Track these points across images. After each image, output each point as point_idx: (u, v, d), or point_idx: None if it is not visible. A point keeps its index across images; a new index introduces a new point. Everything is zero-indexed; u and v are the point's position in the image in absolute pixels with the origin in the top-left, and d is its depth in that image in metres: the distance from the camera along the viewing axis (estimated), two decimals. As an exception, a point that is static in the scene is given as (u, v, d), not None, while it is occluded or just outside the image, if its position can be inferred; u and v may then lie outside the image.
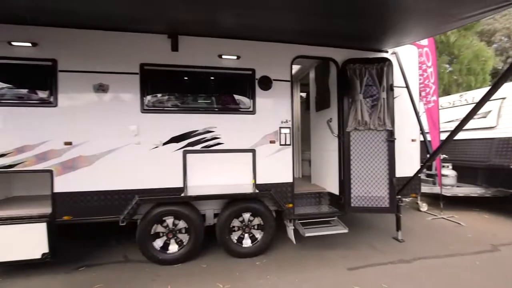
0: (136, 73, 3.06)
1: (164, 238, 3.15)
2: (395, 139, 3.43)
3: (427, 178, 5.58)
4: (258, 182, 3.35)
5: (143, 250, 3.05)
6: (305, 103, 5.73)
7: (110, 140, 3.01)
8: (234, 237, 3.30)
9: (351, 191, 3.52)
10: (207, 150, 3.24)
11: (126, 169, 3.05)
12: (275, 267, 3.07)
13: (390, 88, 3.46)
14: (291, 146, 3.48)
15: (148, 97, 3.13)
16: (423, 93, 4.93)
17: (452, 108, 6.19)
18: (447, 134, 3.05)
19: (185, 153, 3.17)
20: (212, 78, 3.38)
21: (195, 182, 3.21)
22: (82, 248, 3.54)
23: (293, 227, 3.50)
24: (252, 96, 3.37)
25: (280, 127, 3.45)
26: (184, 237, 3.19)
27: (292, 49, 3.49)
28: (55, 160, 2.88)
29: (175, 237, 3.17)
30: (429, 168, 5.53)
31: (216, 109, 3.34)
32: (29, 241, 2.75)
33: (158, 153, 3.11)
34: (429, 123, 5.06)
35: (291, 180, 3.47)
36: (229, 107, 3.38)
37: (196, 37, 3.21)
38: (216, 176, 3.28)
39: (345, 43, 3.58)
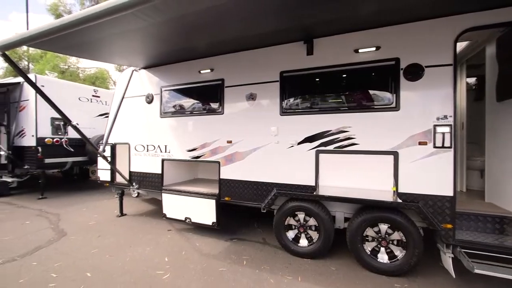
0: (277, 81, 3.49)
1: (296, 231, 3.42)
2: None
3: None
4: (400, 190, 2.87)
5: (278, 237, 3.46)
6: (474, 91, 4.25)
7: (256, 139, 3.62)
8: (367, 247, 3.02)
9: None
10: (340, 150, 3.15)
11: (267, 164, 3.55)
12: (422, 297, 2.52)
13: None
14: (451, 149, 2.70)
15: (286, 101, 3.47)
16: None
17: None
18: None
19: (317, 152, 3.25)
20: (346, 75, 3.23)
21: (327, 182, 3.22)
22: (233, 224, 4.52)
23: (451, 255, 2.71)
24: (395, 89, 2.92)
25: (435, 125, 2.76)
26: (314, 234, 3.31)
27: (456, 22, 2.68)
28: (221, 154, 3.88)
29: (306, 233, 3.36)
30: None
31: (351, 108, 3.15)
32: (206, 211, 3.87)
33: (293, 152, 3.39)
34: None
35: (450, 194, 2.70)
36: (365, 104, 3.09)
37: (330, 37, 3.20)
38: (349, 178, 3.12)
39: None
